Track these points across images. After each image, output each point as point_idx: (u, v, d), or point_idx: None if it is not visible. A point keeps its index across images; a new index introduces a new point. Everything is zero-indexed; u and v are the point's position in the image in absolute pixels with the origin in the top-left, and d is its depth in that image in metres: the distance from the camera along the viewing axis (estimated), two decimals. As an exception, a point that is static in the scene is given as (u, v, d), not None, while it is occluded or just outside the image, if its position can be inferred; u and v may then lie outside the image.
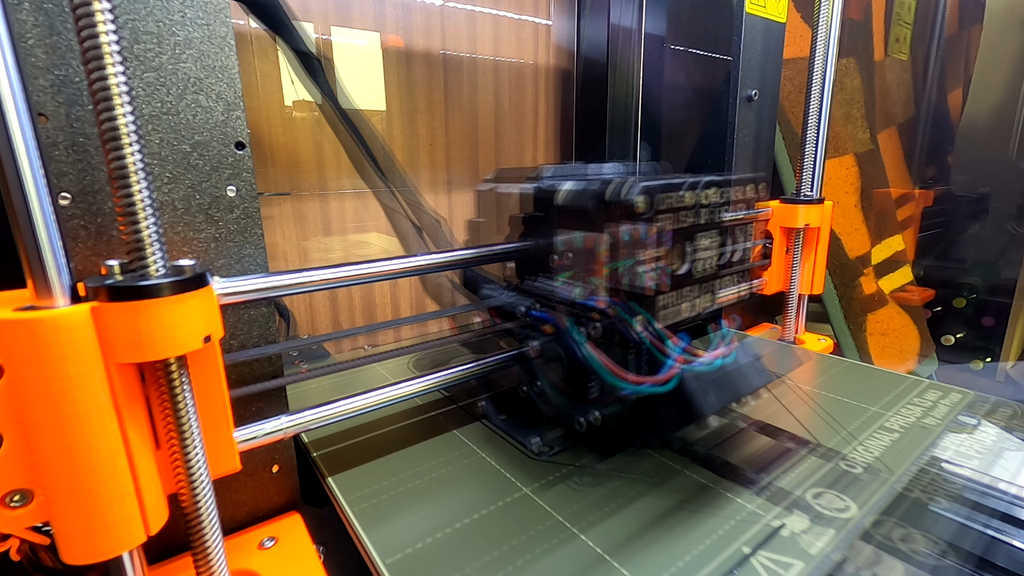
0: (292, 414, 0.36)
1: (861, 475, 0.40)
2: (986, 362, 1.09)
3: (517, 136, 0.84)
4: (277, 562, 0.34)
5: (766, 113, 0.73)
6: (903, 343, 1.05)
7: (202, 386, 0.28)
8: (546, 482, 0.40)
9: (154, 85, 0.31)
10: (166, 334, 0.24)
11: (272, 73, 0.62)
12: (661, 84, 0.78)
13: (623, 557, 0.32)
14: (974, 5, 1.17)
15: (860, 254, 1.00)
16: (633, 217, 0.34)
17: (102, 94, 0.22)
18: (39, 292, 0.23)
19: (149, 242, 0.24)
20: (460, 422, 0.49)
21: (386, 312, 0.75)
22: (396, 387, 0.42)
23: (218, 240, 0.34)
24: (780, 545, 0.33)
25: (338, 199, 0.69)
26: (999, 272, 1.10)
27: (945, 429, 0.46)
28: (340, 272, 0.38)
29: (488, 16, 0.77)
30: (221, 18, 0.32)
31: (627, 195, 0.34)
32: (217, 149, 0.33)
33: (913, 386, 0.55)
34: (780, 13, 0.70)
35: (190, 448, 0.26)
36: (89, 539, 0.24)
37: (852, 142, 1.00)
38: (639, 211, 0.34)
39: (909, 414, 0.49)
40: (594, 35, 0.82)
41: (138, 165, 0.23)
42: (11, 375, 0.22)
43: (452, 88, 0.76)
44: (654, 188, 0.34)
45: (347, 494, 0.39)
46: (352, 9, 0.66)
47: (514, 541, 0.34)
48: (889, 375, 0.58)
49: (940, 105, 1.21)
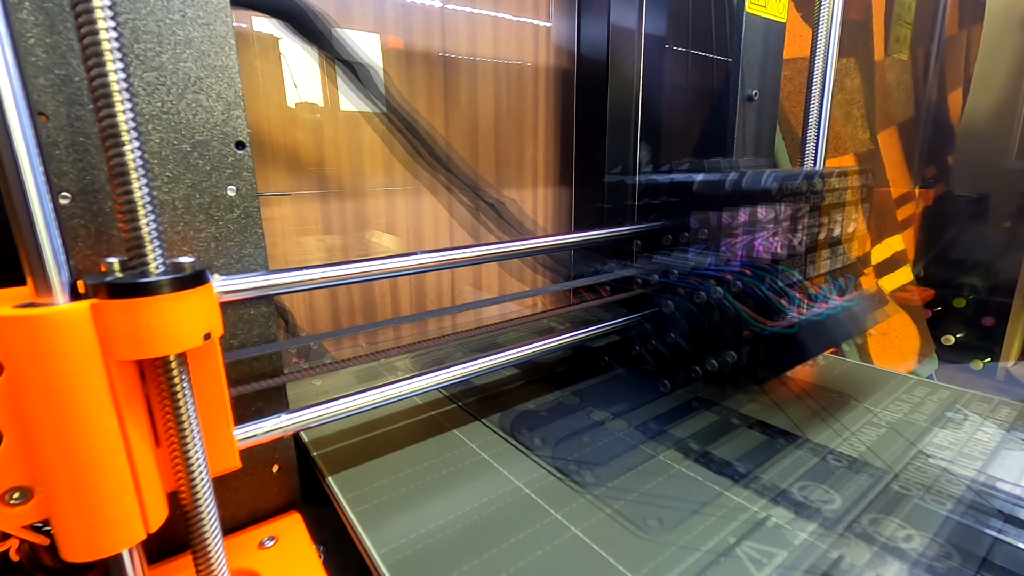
0: (292, 412, 0.36)
1: (847, 469, 0.41)
2: (986, 362, 1.09)
3: (517, 136, 0.84)
4: (277, 562, 0.34)
5: (766, 113, 0.73)
6: (903, 343, 1.05)
7: (202, 384, 0.28)
8: (546, 481, 0.40)
9: (154, 84, 0.31)
10: (166, 331, 0.24)
11: (274, 73, 0.62)
12: (661, 84, 0.78)
13: (623, 556, 0.32)
14: (974, 5, 1.17)
15: (860, 254, 1.00)
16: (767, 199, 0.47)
17: (102, 91, 0.22)
18: (39, 289, 0.23)
19: (149, 239, 0.24)
20: (460, 422, 0.49)
21: (386, 311, 0.75)
22: (396, 386, 0.42)
23: (218, 239, 0.34)
24: (764, 536, 0.34)
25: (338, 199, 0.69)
26: (999, 272, 1.10)
27: (932, 425, 0.48)
28: (340, 270, 0.38)
29: (488, 18, 0.77)
30: (221, 18, 0.32)
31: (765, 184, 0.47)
32: (217, 149, 0.33)
33: (902, 383, 0.57)
34: (780, 13, 0.70)
35: (190, 446, 0.26)
36: (89, 536, 0.24)
37: (852, 142, 1.00)
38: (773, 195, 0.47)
39: (897, 410, 0.50)
40: (594, 36, 0.82)
41: (138, 162, 0.23)
42: (11, 372, 0.22)
43: (452, 89, 0.76)
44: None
45: (347, 494, 0.39)
46: (352, 10, 0.66)
47: (514, 540, 0.34)
48: (882, 372, 0.59)
49: (940, 105, 1.21)
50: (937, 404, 0.51)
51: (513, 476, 0.41)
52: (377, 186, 0.71)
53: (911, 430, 0.46)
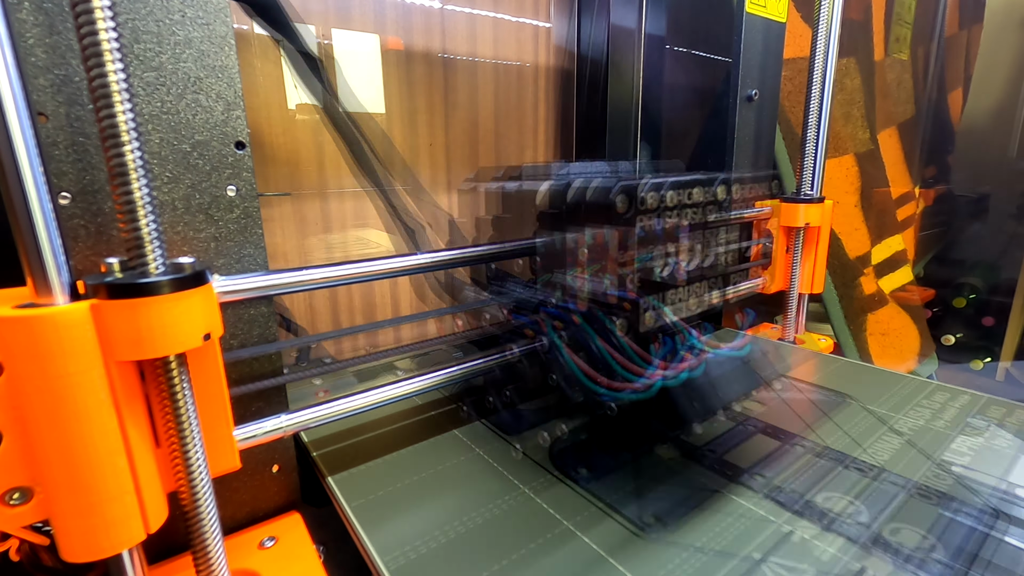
0: (292, 412, 0.36)
1: (871, 479, 0.39)
2: (986, 362, 1.09)
3: (517, 136, 0.84)
4: (277, 562, 0.34)
5: (766, 113, 0.73)
6: (903, 343, 1.05)
7: (202, 384, 0.28)
8: (546, 481, 0.40)
9: (154, 85, 0.31)
10: (166, 332, 0.24)
11: (274, 74, 0.62)
12: (661, 84, 0.78)
13: (623, 557, 0.32)
14: (974, 5, 1.17)
15: (860, 254, 1.00)
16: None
17: (102, 92, 0.22)
18: (39, 290, 0.23)
19: (148, 239, 0.24)
20: (460, 422, 0.49)
21: (386, 311, 0.75)
22: (396, 386, 0.42)
23: (218, 240, 0.34)
24: (790, 551, 0.32)
25: (338, 199, 0.69)
26: (999, 272, 1.10)
27: (956, 432, 0.45)
28: (340, 270, 0.38)
29: (488, 19, 0.77)
30: (221, 18, 0.32)
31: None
32: (217, 149, 0.33)
33: (922, 388, 0.54)
34: (780, 13, 0.70)
35: (190, 446, 0.26)
36: (89, 537, 0.24)
37: (852, 142, 1.00)
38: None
39: (919, 416, 0.48)
40: (594, 36, 0.82)
41: (138, 162, 0.23)
42: (11, 372, 0.22)
43: (452, 89, 0.76)
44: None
45: (347, 494, 0.39)
46: (352, 11, 0.66)
47: (514, 540, 0.34)
48: (897, 376, 0.57)
49: (940, 105, 1.21)
50: (958, 410, 0.49)
51: (513, 476, 0.41)
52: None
53: (931, 437, 0.44)
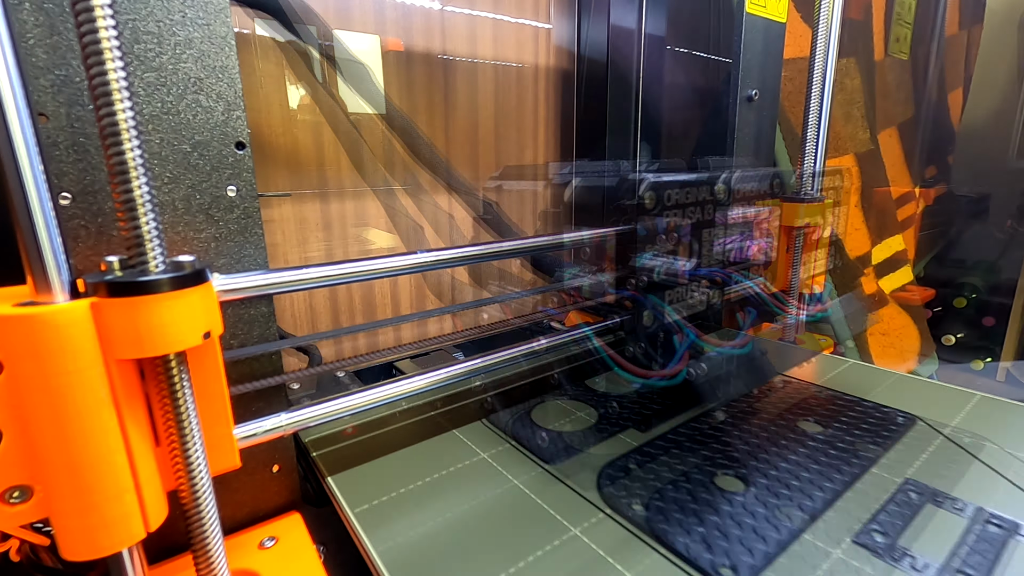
0: (292, 411, 0.36)
1: (938, 510, 0.35)
2: (986, 362, 1.09)
3: (518, 137, 0.84)
4: (277, 562, 0.34)
5: (766, 113, 0.73)
6: (903, 343, 1.05)
7: (202, 383, 0.28)
8: (547, 481, 0.40)
9: (154, 85, 0.31)
10: (165, 330, 0.24)
11: (274, 74, 0.62)
12: (661, 85, 0.78)
13: (624, 558, 0.32)
14: (974, 5, 1.17)
15: (860, 254, 1.01)
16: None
17: (102, 92, 0.22)
18: (39, 288, 0.23)
19: (148, 237, 0.24)
20: (460, 422, 0.49)
21: (386, 311, 0.75)
22: (396, 386, 0.42)
23: (218, 240, 0.34)
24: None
25: (338, 199, 0.69)
26: (999, 272, 1.10)
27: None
28: (340, 270, 0.38)
29: (488, 20, 0.77)
30: (221, 18, 0.33)
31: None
32: (217, 149, 0.34)
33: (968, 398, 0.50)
34: (780, 13, 0.70)
35: (190, 444, 0.26)
36: (88, 535, 0.24)
37: (852, 142, 1.00)
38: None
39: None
40: (594, 37, 0.82)
41: (138, 162, 0.23)
42: (10, 371, 0.22)
43: (452, 90, 0.76)
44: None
45: (347, 494, 0.39)
46: (352, 11, 0.66)
47: (515, 541, 0.34)
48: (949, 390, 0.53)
49: (940, 105, 1.21)
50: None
51: (513, 476, 0.41)
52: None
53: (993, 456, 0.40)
